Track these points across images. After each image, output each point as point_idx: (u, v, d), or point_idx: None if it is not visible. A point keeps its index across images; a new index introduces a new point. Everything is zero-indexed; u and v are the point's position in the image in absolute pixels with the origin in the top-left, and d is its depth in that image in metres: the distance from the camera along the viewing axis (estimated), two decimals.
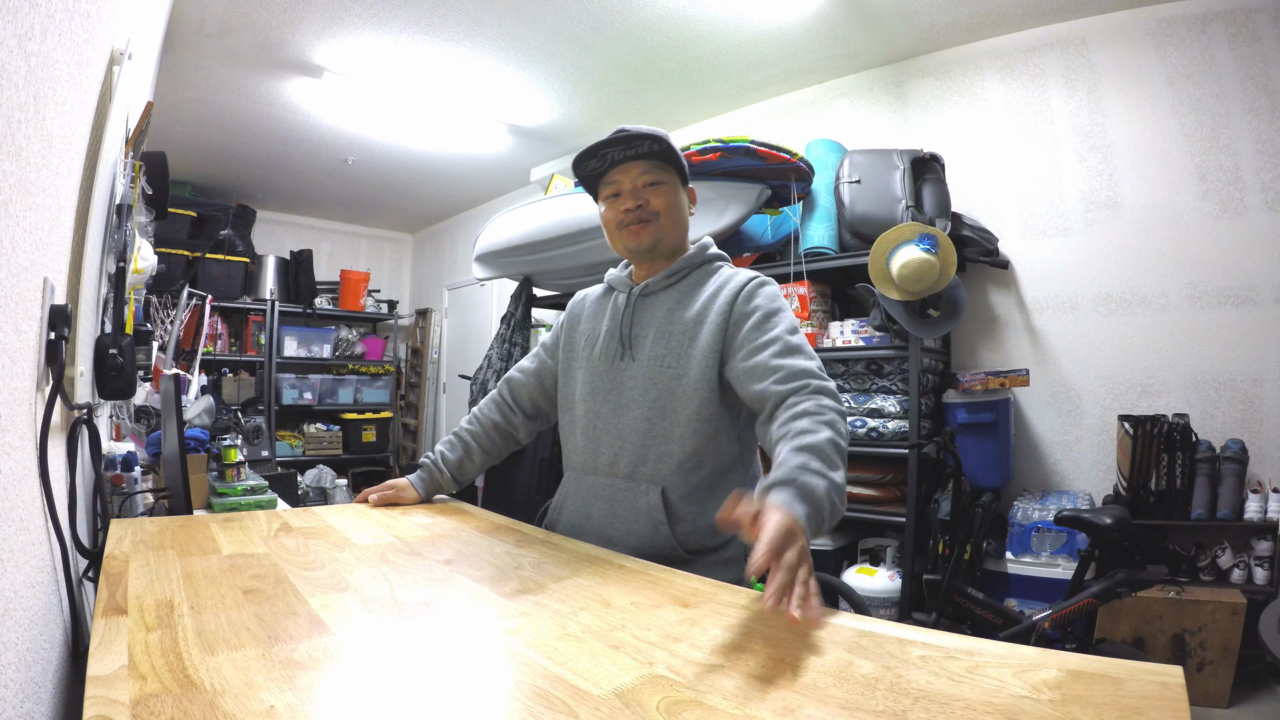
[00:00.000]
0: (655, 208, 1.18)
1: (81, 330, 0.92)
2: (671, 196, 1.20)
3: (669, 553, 1.10)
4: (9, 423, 0.59)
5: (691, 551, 1.11)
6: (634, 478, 1.15)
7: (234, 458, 1.93)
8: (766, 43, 3.29)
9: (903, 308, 2.64)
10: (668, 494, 1.12)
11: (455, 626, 0.70)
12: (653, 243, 1.20)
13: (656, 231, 1.19)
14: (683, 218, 1.23)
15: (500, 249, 3.63)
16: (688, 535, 1.12)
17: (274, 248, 6.02)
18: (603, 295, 1.32)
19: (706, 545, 1.13)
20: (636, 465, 1.15)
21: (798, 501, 0.80)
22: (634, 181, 1.18)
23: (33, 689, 0.60)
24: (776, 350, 1.06)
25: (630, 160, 1.18)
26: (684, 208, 1.23)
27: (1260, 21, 2.56)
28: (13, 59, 0.53)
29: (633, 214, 1.18)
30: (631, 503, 1.14)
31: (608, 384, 1.20)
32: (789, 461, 0.87)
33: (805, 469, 0.85)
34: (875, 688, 0.55)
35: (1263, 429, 2.50)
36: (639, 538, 1.12)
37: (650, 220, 1.18)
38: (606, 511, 1.17)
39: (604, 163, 1.19)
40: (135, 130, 1.59)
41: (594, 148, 1.17)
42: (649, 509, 1.12)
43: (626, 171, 1.18)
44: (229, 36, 3.20)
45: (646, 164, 1.18)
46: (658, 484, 1.13)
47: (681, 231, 1.24)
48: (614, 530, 1.15)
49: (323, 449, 5.73)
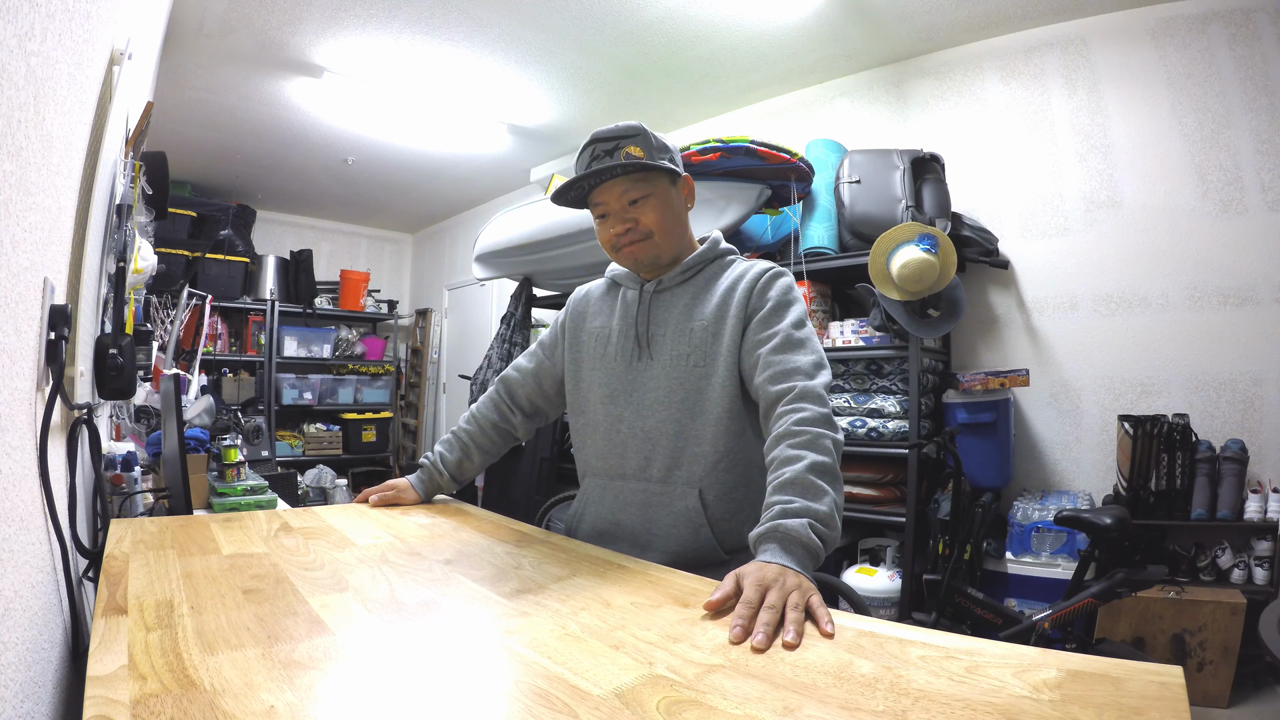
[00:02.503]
0: (646, 225, 1.14)
1: (81, 330, 0.92)
2: (660, 208, 1.14)
3: (710, 555, 1.09)
4: (9, 423, 0.59)
5: (730, 551, 1.11)
6: (669, 481, 1.13)
7: (234, 458, 1.93)
8: (766, 43, 3.29)
9: (903, 308, 2.64)
10: (705, 495, 1.11)
11: (455, 626, 0.70)
12: (651, 260, 1.17)
13: (653, 249, 1.16)
14: (678, 223, 1.18)
15: (500, 249, 3.63)
16: (725, 534, 1.11)
17: (274, 248, 6.02)
18: (607, 291, 1.29)
19: (744, 544, 1.13)
20: (670, 469, 1.13)
21: (781, 554, 0.81)
22: (618, 200, 1.13)
23: (33, 689, 0.60)
24: (775, 345, 1.05)
25: (609, 180, 1.13)
26: (678, 210, 1.18)
27: (1260, 21, 2.56)
28: (13, 59, 0.53)
29: (625, 237, 1.15)
30: (668, 507, 1.12)
31: (627, 385, 1.17)
32: (771, 505, 0.88)
33: (785, 513, 0.85)
34: (875, 688, 0.55)
35: (1263, 429, 2.50)
36: (679, 541, 1.10)
37: (644, 239, 1.15)
38: (641, 517, 1.14)
39: (584, 190, 1.15)
40: (135, 130, 1.59)
41: (570, 182, 1.14)
42: (688, 512, 1.11)
43: (609, 191, 1.13)
44: (229, 36, 3.20)
45: (627, 180, 1.12)
46: (694, 486, 1.11)
47: (680, 235, 1.19)
48: (651, 536, 1.13)
49: (323, 449, 5.73)
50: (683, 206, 1.20)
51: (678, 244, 1.19)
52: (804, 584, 0.75)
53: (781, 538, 0.82)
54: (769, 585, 0.73)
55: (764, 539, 0.84)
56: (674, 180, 1.17)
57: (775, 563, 0.78)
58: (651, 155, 1.11)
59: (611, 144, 1.11)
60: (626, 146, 1.10)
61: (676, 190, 1.18)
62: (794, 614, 0.69)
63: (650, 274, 1.21)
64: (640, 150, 1.10)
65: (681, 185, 1.19)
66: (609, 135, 1.12)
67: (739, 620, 0.68)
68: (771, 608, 0.69)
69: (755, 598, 0.71)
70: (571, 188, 1.14)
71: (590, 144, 1.13)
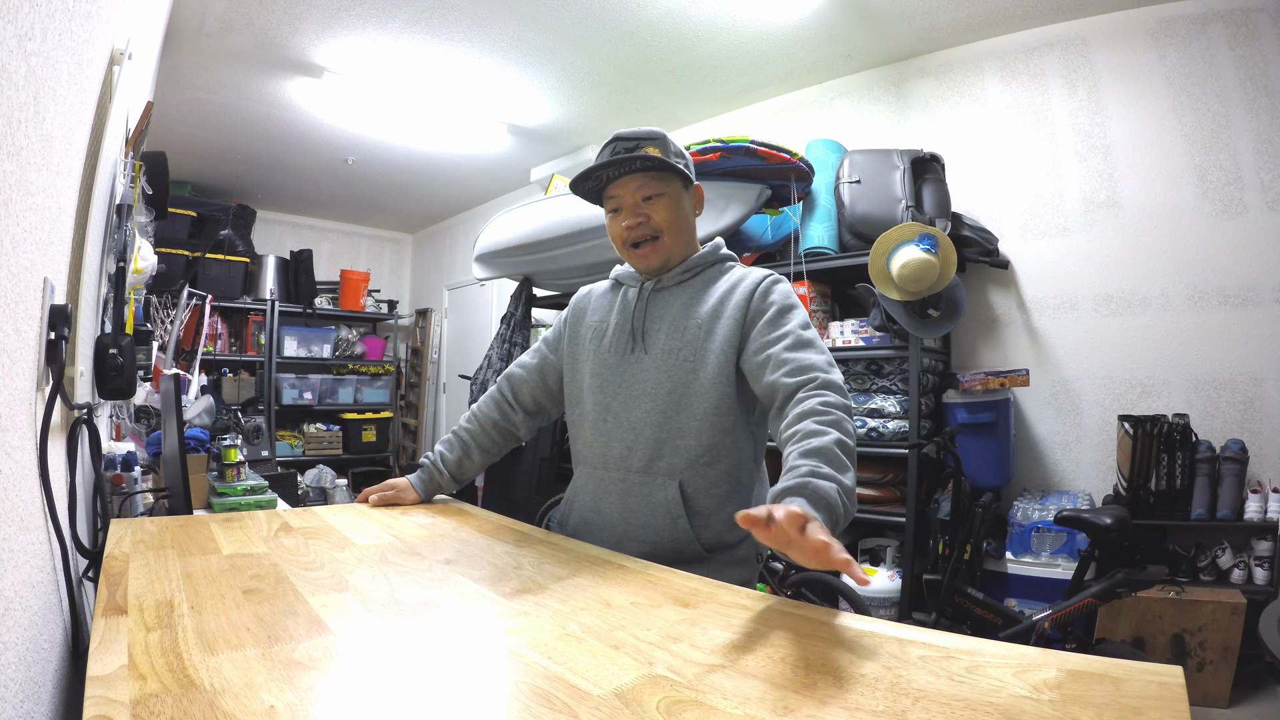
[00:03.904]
0: (657, 223, 1.18)
1: (81, 330, 0.92)
2: (673, 208, 1.19)
3: (686, 548, 1.10)
4: (9, 423, 0.59)
5: (709, 548, 1.11)
6: (649, 471, 1.14)
7: (234, 458, 1.93)
8: (766, 43, 3.29)
9: (903, 308, 2.64)
10: (685, 488, 1.12)
11: (455, 626, 0.70)
12: (661, 263, 1.21)
13: (664, 251, 1.20)
14: (687, 226, 1.23)
15: (500, 249, 3.63)
16: (705, 530, 1.11)
17: (274, 248, 6.02)
18: (610, 290, 1.32)
19: (724, 541, 1.13)
20: (651, 459, 1.14)
21: (811, 508, 0.80)
22: (633, 195, 1.18)
23: (33, 689, 0.60)
24: (788, 344, 1.06)
25: (626, 175, 1.17)
26: (687, 214, 1.22)
27: (1260, 21, 2.56)
28: (13, 59, 0.53)
29: (636, 232, 1.18)
30: (647, 497, 1.13)
31: (617, 377, 1.19)
32: (798, 467, 0.87)
33: (815, 474, 0.85)
34: (875, 688, 0.55)
35: (1263, 429, 2.50)
36: (656, 532, 1.11)
37: (655, 238, 1.19)
38: (620, 506, 1.16)
39: (600, 182, 1.19)
40: (135, 130, 1.59)
41: (589, 170, 1.17)
42: (667, 503, 1.12)
43: (625, 185, 1.18)
44: (229, 36, 3.20)
45: (643, 177, 1.17)
46: (674, 478, 1.12)
47: (688, 239, 1.23)
48: (629, 525, 1.14)
49: (323, 449, 5.73)
50: (692, 212, 1.24)
51: (685, 246, 1.23)
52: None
53: (811, 494, 0.82)
54: (808, 518, 0.73)
55: (792, 492, 0.83)
56: (686, 185, 1.21)
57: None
58: (669, 158, 1.16)
59: (632, 143, 1.17)
60: (646, 147, 1.16)
61: (688, 196, 1.22)
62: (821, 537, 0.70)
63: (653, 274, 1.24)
64: (659, 152, 1.16)
65: (693, 192, 1.24)
66: (631, 135, 1.17)
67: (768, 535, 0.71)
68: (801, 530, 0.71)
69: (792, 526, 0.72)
70: (589, 177, 1.18)
71: (612, 141, 1.18)
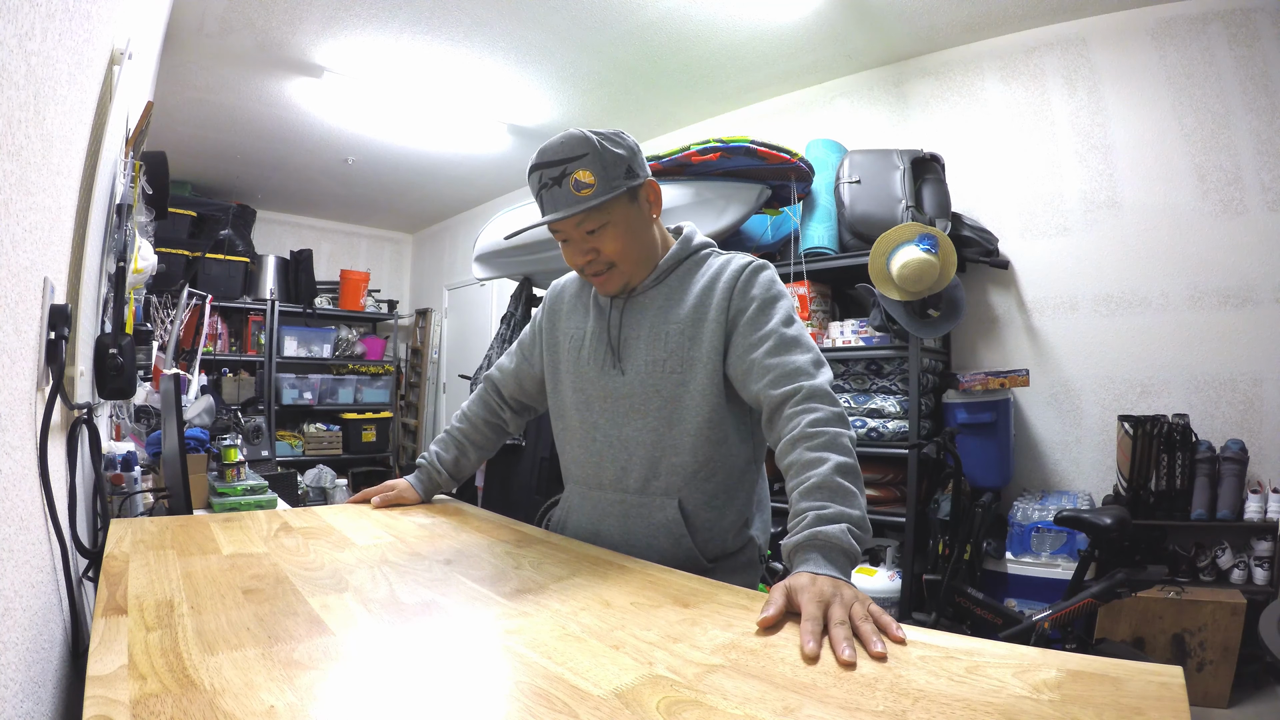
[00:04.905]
0: (608, 255, 1.07)
1: (81, 330, 0.92)
2: (621, 235, 1.06)
3: (691, 564, 1.06)
4: (9, 423, 0.59)
5: (713, 559, 1.09)
6: (646, 492, 1.10)
7: (234, 457, 1.93)
8: (766, 43, 3.29)
9: (903, 308, 2.64)
10: (684, 505, 1.08)
11: (455, 626, 0.70)
12: (621, 287, 1.12)
13: (622, 278, 1.10)
14: (642, 242, 1.10)
15: (500, 249, 3.62)
16: (707, 543, 1.09)
17: (274, 247, 6.02)
18: (582, 287, 1.24)
19: (727, 550, 1.11)
20: (648, 479, 1.09)
21: (824, 564, 0.78)
22: (576, 230, 1.06)
23: (33, 689, 0.60)
24: (769, 347, 1.01)
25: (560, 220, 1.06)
26: (640, 231, 1.09)
27: (1260, 21, 2.56)
28: (13, 59, 0.53)
29: (590, 267, 1.09)
30: (647, 518, 1.10)
31: (601, 391, 1.13)
32: (803, 513, 0.84)
33: (821, 519, 0.82)
34: (875, 688, 0.55)
35: (1263, 429, 2.50)
36: (660, 551, 1.08)
37: (608, 270, 1.09)
38: (620, 528, 1.12)
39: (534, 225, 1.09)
40: (135, 130, 1.59)
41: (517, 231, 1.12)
42: (667, 523, 1.08)
43: (564, 222, 1.05)
44: (229, 36, 3.20)
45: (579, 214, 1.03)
46: (673, 496, 1.08)
47: (649, 252, 1.12)
48: (631, 547, 1.09)
49: (323, 449, 5.73)
50: (648, 219, 1.11)
51: (647, 262, 1.12)
52: (860, 594, 0.73)
53: (822, 545, 0.79)
54: (829, 600, 0.70)
55: (804, 548, 0.80)
56: (633, 196, 1.07)
57: (823, 574, 0.76)
58: (604, 173, 1.01)
59: (558, 169, 1.02)
60: (574, 172, 1.01)
61: (638, 205, 1.08)
62: (866, 625, 0.67)
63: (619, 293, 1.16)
64: (589, 173, 1.01)
65: (645, 195, 1.09)
66: (553, 160, 1.02)
67: (810, 638, 0.65)
68: (842, 623, 0.67)
69: (818, 614, 0.69)
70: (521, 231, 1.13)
71: (535, 169, 1.04)
